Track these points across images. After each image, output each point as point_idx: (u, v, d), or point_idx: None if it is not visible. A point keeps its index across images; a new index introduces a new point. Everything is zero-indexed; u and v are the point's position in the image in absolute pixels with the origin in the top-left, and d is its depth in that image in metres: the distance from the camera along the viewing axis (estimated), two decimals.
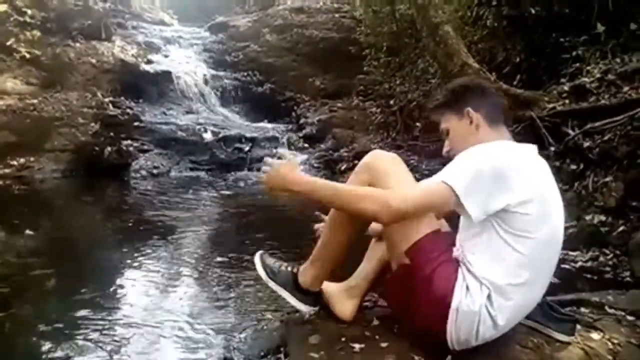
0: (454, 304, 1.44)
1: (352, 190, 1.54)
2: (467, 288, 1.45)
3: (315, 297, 1.77)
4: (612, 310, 1.89)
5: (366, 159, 1.66)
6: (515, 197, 1.40)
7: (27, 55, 6.70)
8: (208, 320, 2.38)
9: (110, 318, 2.38)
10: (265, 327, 1.98)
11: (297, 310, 1.92)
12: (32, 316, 2.37)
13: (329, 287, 1.85)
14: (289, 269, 1.79)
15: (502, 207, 1.40)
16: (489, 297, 1.43)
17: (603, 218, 3.44)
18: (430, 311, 1.48)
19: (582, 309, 1.89)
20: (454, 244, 1.55)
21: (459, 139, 1.62)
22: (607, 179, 3.61)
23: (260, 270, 1.80)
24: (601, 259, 3.21)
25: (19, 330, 2.25)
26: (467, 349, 1.50)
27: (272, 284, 1.77)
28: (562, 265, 3.22)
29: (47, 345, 2.09)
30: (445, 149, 1.69)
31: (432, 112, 1.73)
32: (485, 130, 1.60)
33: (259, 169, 6.85)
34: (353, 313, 1.78)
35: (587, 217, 3.51)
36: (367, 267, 1.84)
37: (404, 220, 1.47)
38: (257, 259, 1.83)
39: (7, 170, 5.57)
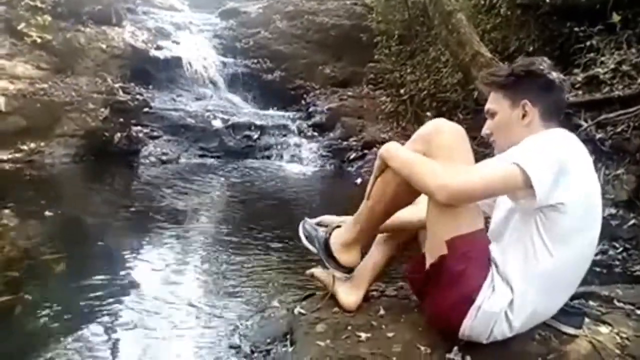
0: (477, 302, 1.41)
1: (419, 160, 1.45)
2: (494, 289, 1.42)
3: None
4: (620, 304, 1.87)
5: (428, 129, 1.53)
6: (572, 197, 1.35)
7: (38, 40, 6.68)
8: (215, 306, 2.40)
9: (118, 303, 2.40)
10: (272, 315, 1.99)
11: (305, 298, 1.93)
12: (41, 300, 2.40)
13: (329, 275, 1.85)
14: (322, 233, 1.75)
15: (558, 202, 1.33)
16: (511, 302, 1.41)
17: (614, 211, 3.42)
18: (452, 304, 1.46)
19: (591, 302, 1.87)
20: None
21: (504, 129, 1.53)
22: (619, 172, 3.58)
23: (302, 237, 1.81)
24: (611, 252, 3.19)
25: (29, 314, 2.28)
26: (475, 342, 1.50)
27: (311, 249, 1.78)
28: None
29: (56, 329, 2.12)
30: (485, 130, 1.60)
31: (485, 86, 1.60)
32: (537, 128, 1.49)
33: (268, 157, 6.87)
34: (357, 303, 1.76)
35: None
36: (373, 260, 1.82)
37: (463, 202, 1.38)
38: (300, 227, 1.83)
39: (17, 155, 5.60)
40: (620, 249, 3.20)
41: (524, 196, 1.35)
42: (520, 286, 1.41)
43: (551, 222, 1.37)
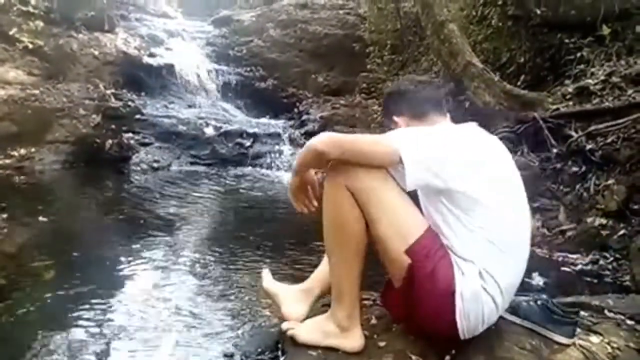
0: (457, 291, 1.45)
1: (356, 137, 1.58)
2: (462, 272, 1.46)
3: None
4: (611, 314, 1.88)
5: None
6: (450, 179, 1.45)
7: (30, 46, 6.65)
8: (206, 315, 2.37)
9: (107, 311, 2.38)
10: (263, 324, 1.98)
11: None
12: (29, 308, 2.37)
13: (277, 286, 1.87)
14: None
15: (439, 186, 1.46)
16: (480, 274, 1.45)
17: (604, 221, 3.43)
18: (438, 305, 1.48)
19: (582, 312, 1.87)
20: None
21: None
22: (609, 182, 3.60)
23: None
24: (601, 262, 3.20)
25: (16, 322, 2.24)
26: (467, 347, 1.50)
27: None
28: (562, 268, 3.22)
29: (43, 337, 2.09)
30: None
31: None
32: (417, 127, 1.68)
33: (260, 165, 6.85)
34: (303, 316, 1.76)
35: (588, 220, 3.50)
36: (323, 272, 1.79)
37: (344, 156, 1.48)
38: None
39: (7, 161, 5.54)
40: (611, 259, 3.21)
41: (400, 176, 1.46)
42: (474, 257, 1.46)
43: (452, 201, 1.48)
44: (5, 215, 3.81)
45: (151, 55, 8.44)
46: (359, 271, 1.57)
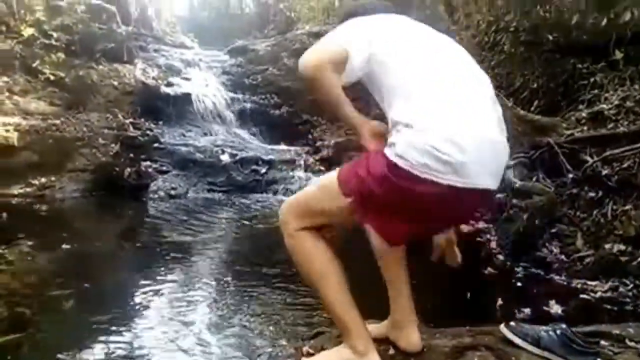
0: (394, 158, 1.45)
1: None
2: (392, 144, 1.49)
3: None
4: (632, 343, 1.85)
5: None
6: (383, 51, 1.59)
7: (52, 77, 6.85)
8: (223, 345, 2.39)
9: (126, 341, 2.40)
10: (279, 354, 1.98)
11: (313, 337, 1.93)
12: (50, 337, 2.40)
13: (379, 329, 1.81)
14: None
15: (370, 55, 1.58)
16: (407, 125, 1.46)
17: (622, 247, 3.39)
18: (390, 182, 1.45)
19: (602, 342, 1.85)
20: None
21: None
22: (627, 207, 3.57)
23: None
24: (621, 289, 3.16)
25: (37, 351, 2.27)
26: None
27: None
28: (581, 296, 3.18)
29: None
30: None
31: None
32: None
33: (275, 191, 6.89)
34: (420, 340, 1.74)
35: (607, 246, 3.46)
36: (395, 293, 1.75)
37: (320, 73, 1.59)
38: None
39: (28, 190, 5.66)
40: (631, 285, 3.16)
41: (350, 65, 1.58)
42: (405, 116, 1.49)
43: (380, 67, 1.61)
44: (26, 244, 3.88)
45: (169, 84, 8.61)
46: (347, 295, 1.60)
